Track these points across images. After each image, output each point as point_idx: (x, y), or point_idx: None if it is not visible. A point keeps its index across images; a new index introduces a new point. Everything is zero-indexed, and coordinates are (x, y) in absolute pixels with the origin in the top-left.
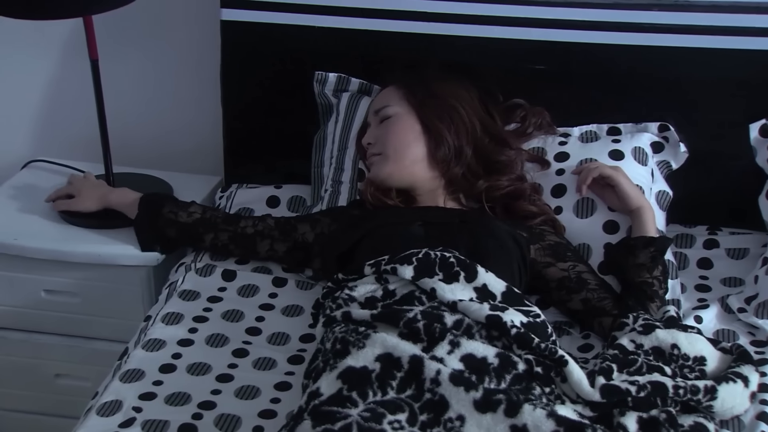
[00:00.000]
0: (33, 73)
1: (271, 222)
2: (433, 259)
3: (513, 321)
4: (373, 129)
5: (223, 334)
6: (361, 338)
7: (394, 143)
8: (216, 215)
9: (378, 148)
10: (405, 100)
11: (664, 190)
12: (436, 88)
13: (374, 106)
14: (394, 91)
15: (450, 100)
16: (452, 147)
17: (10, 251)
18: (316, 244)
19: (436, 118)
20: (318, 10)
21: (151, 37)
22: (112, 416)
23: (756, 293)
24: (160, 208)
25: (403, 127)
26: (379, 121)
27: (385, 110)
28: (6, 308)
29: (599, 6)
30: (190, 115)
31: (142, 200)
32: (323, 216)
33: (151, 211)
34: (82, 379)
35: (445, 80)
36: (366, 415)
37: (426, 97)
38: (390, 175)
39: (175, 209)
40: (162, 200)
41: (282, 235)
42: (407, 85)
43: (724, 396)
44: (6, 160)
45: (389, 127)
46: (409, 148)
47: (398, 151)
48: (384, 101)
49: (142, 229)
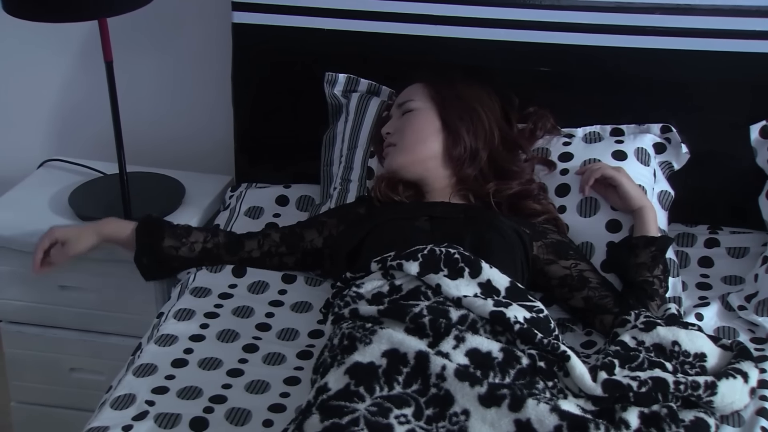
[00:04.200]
0: (49, 74)
1: (275, 237)
2: (438, 255)
3: (516, 317)
4: (394, 120)
5: (234, 329)
6: (368, 334)
7: (412, 136)
8: (217, 242)
9: (395, 139)
10: (429, 97)
11: (666, 190)
12: (461, 90)
13: (398, 99)
14: (419, 88)
15: (473, 103)
16: (468, 148)
17: (26, 248)
18: (326, 247)
19: (457, 117)
20: (327, 14)
21: (164, 40)
22: (125, 409)
23: (756, 291)
24: (159, 242)
25: (423, 121)
26: (401, 114)
27: (408, 104)
28: (23, 304)
29: (602, 9)
30: (201, 116)
31: (139, 234)
32: (329, 218)
33: (151, 247)
34: (97, 373)
35: (471, 84)
36: (373, 409)
37: (450, 96)
38: (402, 166)
39: (176, 243)
40: (159, 231)
41: (290, 248)
42: (433, 84)
43: (724, 391)
44: (23, 159)
45: (409, 119)
46: (426, 142)
47: (414, 144)
48: (408, 95)
49: (143, 265)
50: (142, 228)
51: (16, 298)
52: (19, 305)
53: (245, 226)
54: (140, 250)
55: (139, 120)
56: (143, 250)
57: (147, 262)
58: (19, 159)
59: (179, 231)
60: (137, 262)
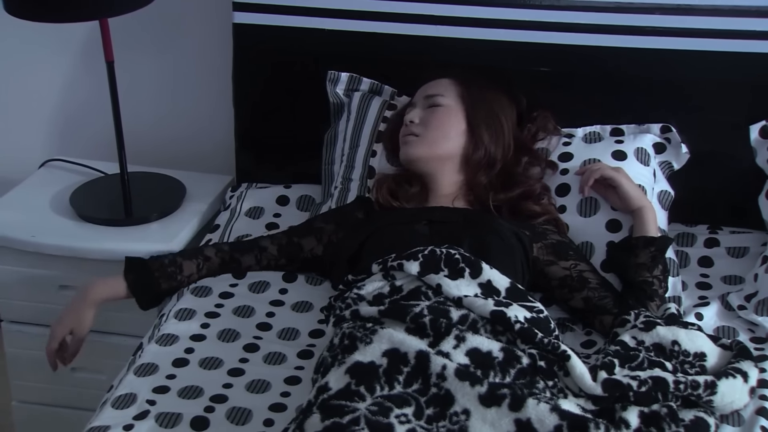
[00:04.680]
0: (50, 74)
1: (273, 251)
2: (439, 255)
3: (517, 316)
4: (420, 110)
5: (235, 329)
6: (369, 334)
7: (437, 131)
8: (211, 266)
9: (419, 130)
10: (459, 97)
11: (666, 190)
12: (490, 97)
13: (427, 91)
14: (450, 84)
15: (499, 113)
16: (487, 155)
17: (28, 248)
18: (326, 254)
19: (483, 123)
20: (327, 14)
21: (165, 40)
22: (126, 409)
23: (756, 291)
24: (158, 289)
25: (450, 119)
26: (427, 106)
27: (437, 98)
28: (24, 303)
29: (602, 9)
30: (202, 116)
31: (135, 292)
32: (326, 223)
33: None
34: (98, 373)
35: (497, 90)
36: (373, 408)
37: (478, 100)
38: (421, 158)
39: (173, 283)
40: (154, 281)
41: (290, 260)
42: (464, 84)
43: (723, 391)
44: (24, 159)
45: (437, 114)
46: (448, 141)
47: (438, 140)
48: (439, 90)
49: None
50: (136, 285)
51: (18, 298)
52: (21, 305)
53: (246, 227)
54: (144, 304)
55: (140, 120)
56: (146, 303)
57: (152, 304)
58: (21, 159)
59: (170, 270)
60: (144, 309)
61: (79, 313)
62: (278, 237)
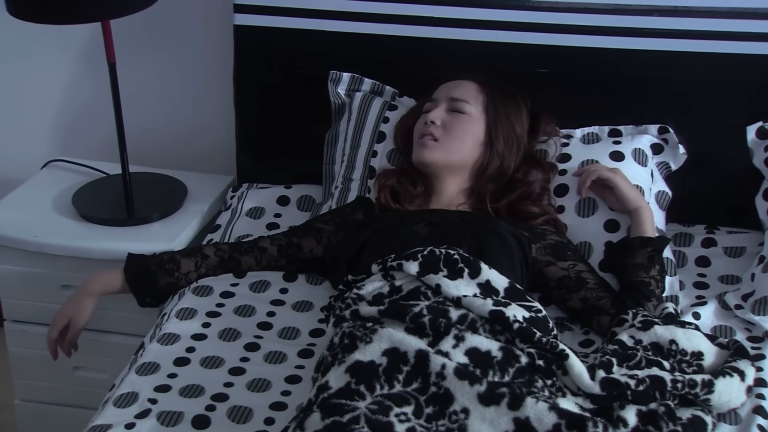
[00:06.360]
0: (53, 75)
1: (273, 252)
2: (438, 255)
3: (515, 316)
4: (442, 111)
5: (236, 328)
6: (369, 333)
7: (458, 139)
8: (210, 264)
9: (438, 133)
10: (483, 108)
11: (664, 191)
12: (510, 112)
13: (453, 92)
14: (477, 92)
15: (518, 128)
16: (501, 168)
17: (30, 248)
18: (326, 255)
19: (503, 139)
20: (328, 15)
21: (166, 42)
22: (128, 407)
23: (752, 290)
24: (155, 284)
25: (472, 129)
26: (451, 108)
27: (463, 104)
28: (26, 303)
29: (601, 11)
30: (203, 117)
31: (132, 286)
32: (326, 224)
33: (150, 292)
34: (100, 372)
35: (518, 102)
36: (373, 407)
37: (502, 114)
38: (436, 163)
39: (171, 279)
40: (151, 276)
41: (289, 260)
42: (491, 95)
43: (721, 389)
44: (26, 159)
45: (460, 121)
46: (466, 151)
47: (455, 148)
48: (466, 95)
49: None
50: (133, 279)
51: (20, 298)
52: (23, 304)
53: (246, 227)
54: (141, 299)
55: (142, 121)
56: (143, 298)
57: (150, 301)
58: (23, 159)
59: (168, 266)
60: (142, 306)
61: (77, 303)
62: (278, 238)
